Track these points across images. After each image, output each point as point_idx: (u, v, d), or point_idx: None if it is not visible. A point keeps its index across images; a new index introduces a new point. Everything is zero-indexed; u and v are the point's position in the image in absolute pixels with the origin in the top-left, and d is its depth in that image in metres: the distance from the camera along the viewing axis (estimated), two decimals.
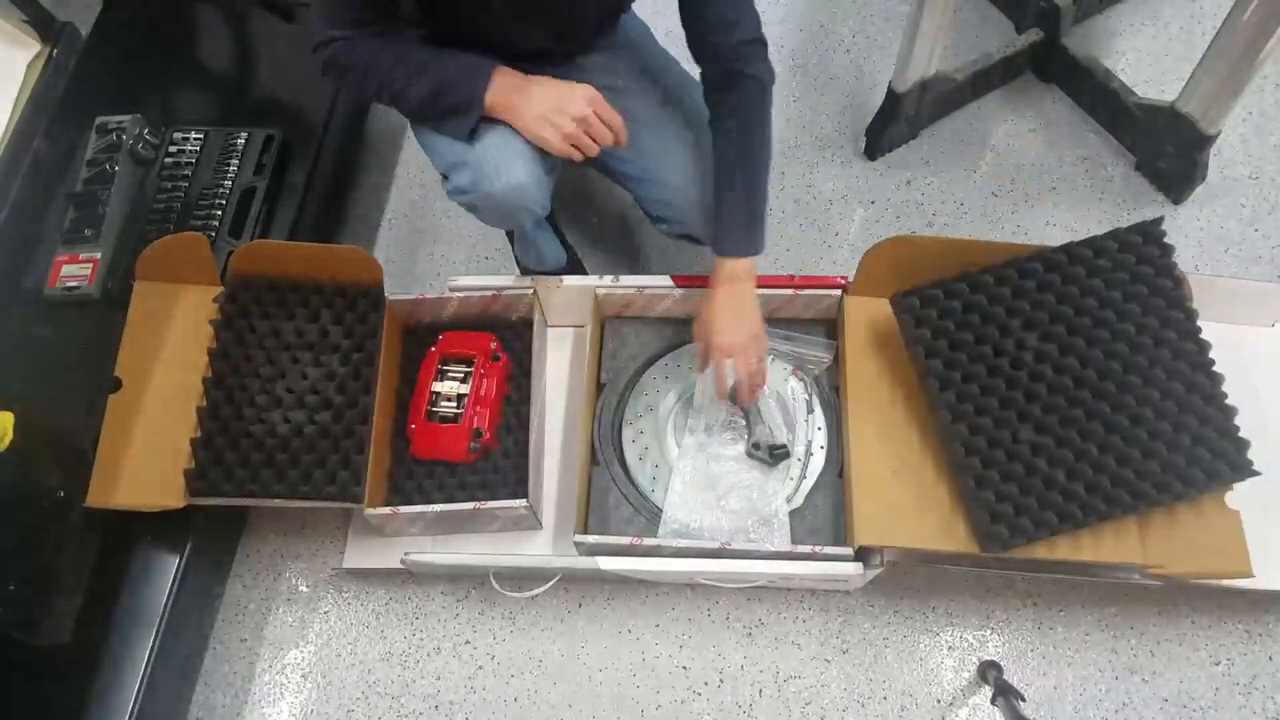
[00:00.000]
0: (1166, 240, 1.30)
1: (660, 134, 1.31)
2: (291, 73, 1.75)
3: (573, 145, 1.15)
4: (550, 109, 1.14)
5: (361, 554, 1.44)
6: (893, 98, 1.70)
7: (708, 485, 1.35)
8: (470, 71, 1.15)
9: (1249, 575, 1.21)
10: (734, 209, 1.20)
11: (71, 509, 1.31)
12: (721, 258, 1.23)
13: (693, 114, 1.32)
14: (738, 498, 1.33)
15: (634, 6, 1.33)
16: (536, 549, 1.41)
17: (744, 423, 1.37)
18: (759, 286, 1.36)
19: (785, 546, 1.25)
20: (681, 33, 1.21)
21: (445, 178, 1.26)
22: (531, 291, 1.45)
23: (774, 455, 1.34)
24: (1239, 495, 1.24)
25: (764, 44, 1.18)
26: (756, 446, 1.35)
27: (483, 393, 1.40)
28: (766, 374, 1.30)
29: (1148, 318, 1.27)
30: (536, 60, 1.22)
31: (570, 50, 1.32)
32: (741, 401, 1.29)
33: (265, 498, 1.32)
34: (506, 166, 1.18)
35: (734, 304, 1.22)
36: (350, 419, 1.35)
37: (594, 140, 1.15)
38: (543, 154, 1.21)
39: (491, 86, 1.13)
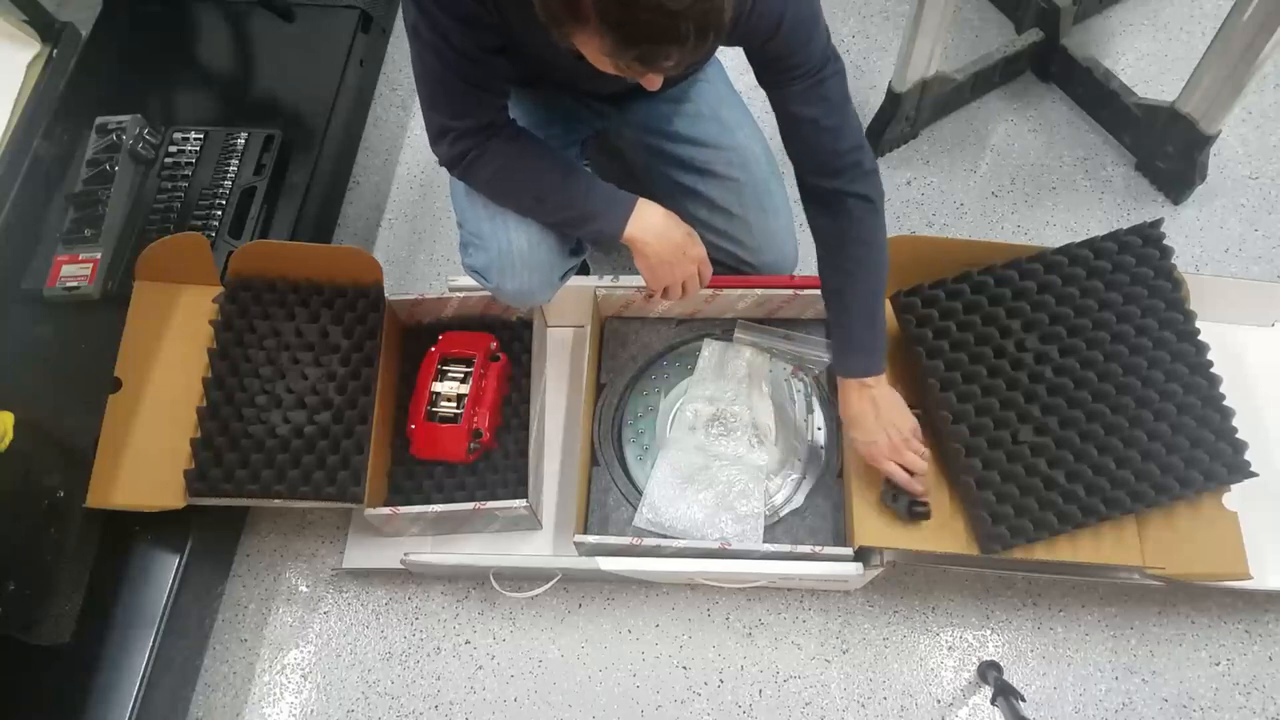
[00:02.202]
0: (1165, 242, 1.30)
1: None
2: (291, 73, 1.75)
3: (664, 288, 1.22)
4: (669, 259, 1.18)
5: (361, 554, 1.44)
6: (893, 98, 1.70)
7: (688, 478, 1.35)
8: (612, 204, 1.16)
9: (1246, 577, 1.21)
10: (853, 335, 1.18)
11: (71, 509, 1.31)
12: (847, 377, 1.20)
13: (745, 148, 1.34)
14: (715, 495, 1.34)
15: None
16: (536, 549, 1.41)
17: (735, 420, 1.37)
18: (759, 287, 1.37)
19: (758, 547, 1.26)
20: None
21: (464, 245, 1.26)
22: None
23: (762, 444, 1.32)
24: (1237, 496, 1.25)
25: (868, 152, 1.13)
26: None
27: (482, 393, 1.40)
28: (926, 454, 1.21)
29: (1146, 319, 1.27)
30: (614, 99, 1.30)
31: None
32: (916, 492, 1.21)
33: (265, 498, 1.32)
34: (526, 272, 1.22)
35: (865, 405, 1.18)
36: (350, 419, 1.36)
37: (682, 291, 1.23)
38: (563, 259, 1.25)
39: (630, 223, 1.15)
